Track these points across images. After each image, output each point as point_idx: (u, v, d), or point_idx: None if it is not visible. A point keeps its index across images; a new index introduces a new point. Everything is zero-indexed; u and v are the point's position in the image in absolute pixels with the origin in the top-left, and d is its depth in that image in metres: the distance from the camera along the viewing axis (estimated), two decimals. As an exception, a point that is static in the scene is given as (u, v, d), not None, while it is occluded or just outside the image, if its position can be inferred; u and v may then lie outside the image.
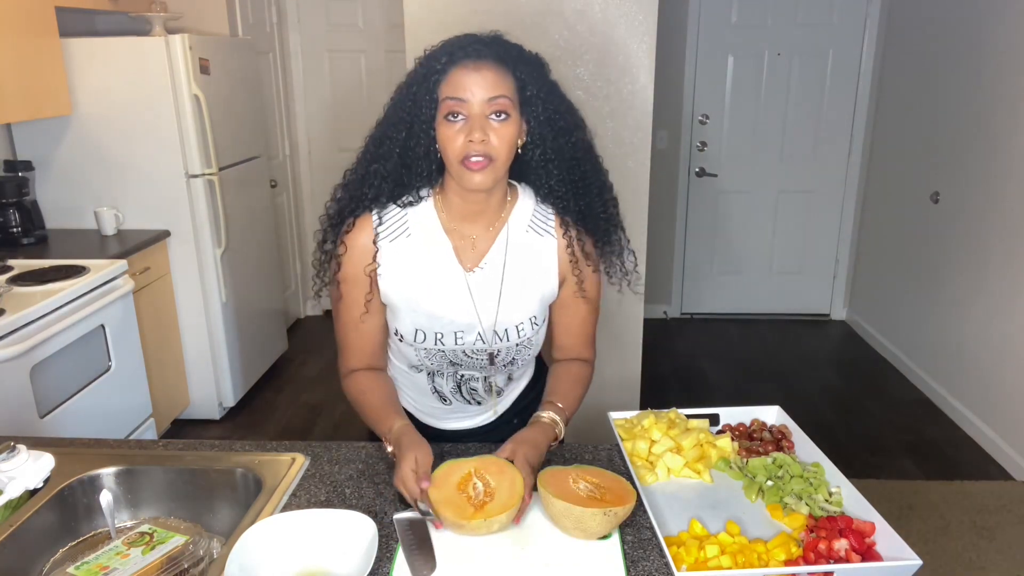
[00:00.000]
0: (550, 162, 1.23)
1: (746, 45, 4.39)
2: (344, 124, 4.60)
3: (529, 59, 1.22)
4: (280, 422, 3.53)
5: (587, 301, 1.36)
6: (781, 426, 1.40)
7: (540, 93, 1.20)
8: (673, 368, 4.12)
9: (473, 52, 1.17)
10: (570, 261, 1.31)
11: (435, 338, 1.28)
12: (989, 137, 3.25)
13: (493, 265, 1.28)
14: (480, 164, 1.16)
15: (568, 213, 1.28)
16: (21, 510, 1.18)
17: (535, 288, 1.31)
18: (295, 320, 4.76)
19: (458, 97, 1.15)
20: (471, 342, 1.30)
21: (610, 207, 1.31)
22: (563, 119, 1.23)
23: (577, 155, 1.25)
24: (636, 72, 2.55)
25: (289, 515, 1.12)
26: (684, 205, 4.67)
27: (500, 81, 1.16)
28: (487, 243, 1.28)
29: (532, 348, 1.35)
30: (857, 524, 1.10)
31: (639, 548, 1.11)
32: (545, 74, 1.24)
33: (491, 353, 1.31)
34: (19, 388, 2.20)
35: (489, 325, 1.29)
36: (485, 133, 1.15)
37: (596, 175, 1.29)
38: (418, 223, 1.27)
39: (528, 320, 1.31)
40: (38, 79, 2.83)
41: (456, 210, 1.26)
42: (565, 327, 1.39)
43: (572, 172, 1.25)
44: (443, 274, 1.27)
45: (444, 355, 1.31)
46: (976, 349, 3.34)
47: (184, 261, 3.30)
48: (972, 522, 2.70)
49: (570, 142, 1.24)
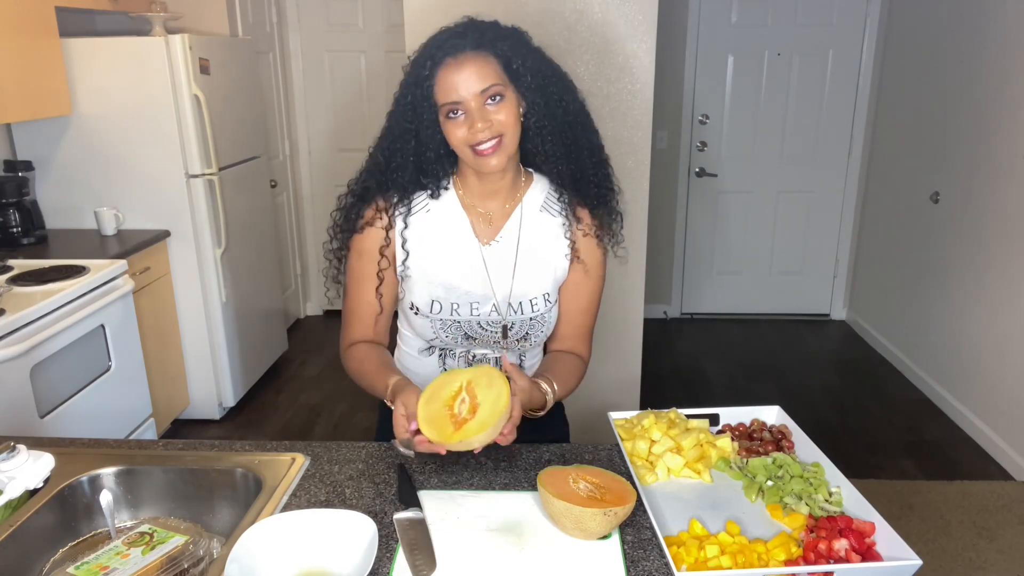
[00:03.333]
0: (544, 128, 1.27)
1: (746, 45, 4.39)
2: (344, 124, 4.61)
3: (507, 34, 1.25)
4: (280, 422, 3.53)
5: (589, 278, 1.38)
6: (781, 426, 1.40)
7: (526, 63, 1.23)
8: (673, 368, 4.12)
9: (451, 48, 1.20)
10: (578, 240, 1.35)
11: (451, 308, 1.32)
12: (989, 137, 3.25)
13: (508, 240, 1.33)
14: (490, 149, 1.22)
15: (562, 178, 1.32)
16: (21, 510, 1.18)
17: (548, 265, 1.35)
18: (295, 320, 4.76)
19: (451, 101, 1.20)
20: (486, 313, 1.33)
21: (601, 169, 1.34)
22: (552, 84, 1.26)
23: (568, 118, 1.28)
24: (636, 72, 2.55)
25: (289, 515, 1.12)
26: (684, 205, 4.67)
27: (484, 69, 1.20)
28: (503, 219, 1.33)
29: (545, 327, 1.38)
30: (857, 524, 1.10)
31: (639, 548, 1.11)
32: (526, 43, 1.26)
33: (505, 326, 1.34)
34: (19, 388, 2.20)
35: (503, 297, 1.33)
36: (486, 120, 1.20)
37: (587, 137, 1.32)
38: (438, 201, 1.33)
39: (542, 296, 1.35)
40: (38, 79, 2.83)
41: (473, 189, 1.32)
42: (566, 313, 1.41)
43: (565, 135, 1.28)
44: (460, 247, 1.32)
45: (459, 326, 1.34)
46: (976, 349, 3.35)
47: (184, 261, 3.30)
48: (972, 522, 2.70)
49: (561, 105, 1.27)
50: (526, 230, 1.33)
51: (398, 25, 3.85)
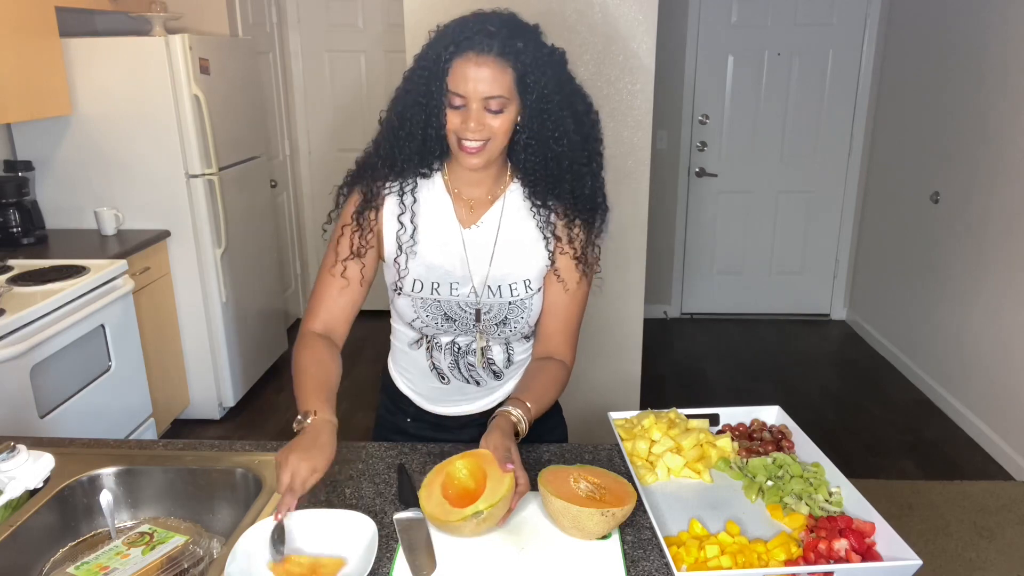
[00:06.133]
0: (530, 147, 1.27)
1: (746, 45, 4.39)
2: (344, 124, 4.60)
3: (534, 49, 1.22)
4: (280, 422, 3.53)
5: (564, 286, 1.37)
6: (781, 426, 1.40)
7: (538, 83, 1.22)
8: (673, 368, 4.12)
9: (477, 44, 1.19)
10: (556, 255, 1.36)
11: (432, 287, 1.34)
12: (989, 137, 3.25)
13: (488, 226, 1.35)
14: (475, 149, 1.24)
15: (536, 195, 1.33)
16: (21, 510, 1.18)
17: (529, 253, 1.35)
18: (295, 320, 4.75)
19: (458, 92, 1.21)
20: (465, 294, 1.35)
21: (580, 202, 1.32)
22: (552, 112, 1.24)
23: (558, 148, 1.26)
24: (636, 72, 2.55)
25: (289, 515, 1.12)
26: (684, 205, 4.67)
27: (498, 78, 1.20)
28: (485, 207, 1.35)
29: (525, 313, 1.37)
30: (857, 524, 1.10)
31: (639, 548, 1.11)
32: (552, 65, 1.24)
33: (478, 309, 1.35)
34: (19, 388, 2.20)
35: (481, 280, 1.35)
36: (480, 123, 1.21)
37: (573, 169, 1.29)
38: (425, 183, 1.36)
39: (522, 282, 1.35)
40: (38, 79, 2.83)
41: (459, 176, 1.34)
42: (549, 308, 1.40)
43: (547, 162, 1.28)
44: (442, 229, 1.34)
45: (439, 305, 1.35)
46: (976, 349, 3.34)
47: (184, 261, 3.30)
48: (972, 522, 2.70)
49: (553, 135, 1.25)
50: (507, 219, 1.35)
51: (398, 25, 3.85)
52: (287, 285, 4.60)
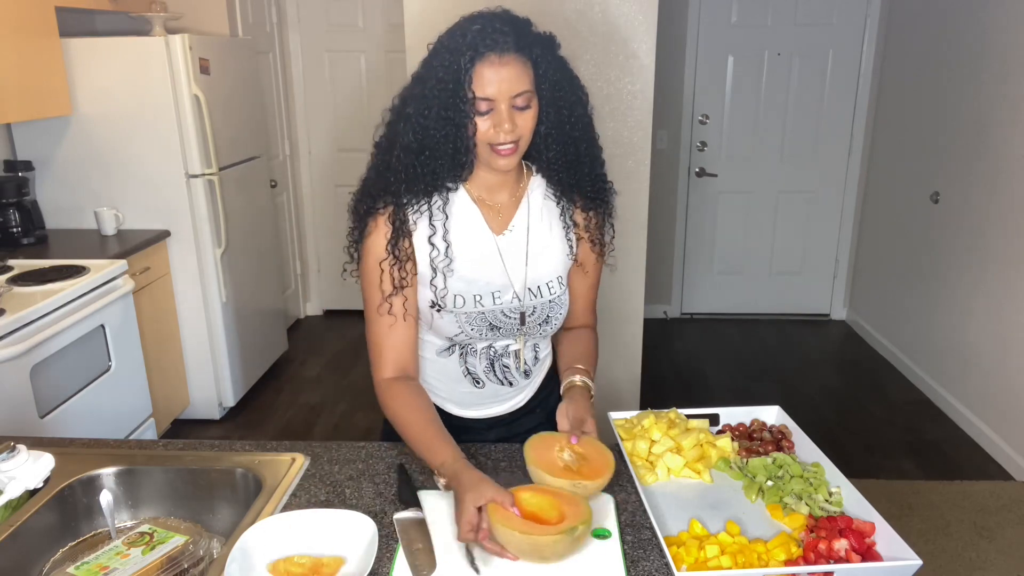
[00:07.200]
0: (550, 137, 1.28)
1: (746, 45, 4.39)
2: (344, 124, 4.60)
3: (541, 39, 1.25)
4: (280, 422, 3.53)
5: (583, 269, 1.44)
6: (781, 426, 1.40)
7: (549, 72, 1.24)
8: (673, 368, 4.12)
9: (494, 44, 1.19)
10: (575, 221, 1.39)
11: (474, 300, 1.33)
12: (989, 137, 3.25)
13: (519, 228, 1.35)
14: (509, 151, 1.24)
15: (561, 184, 1.35)
16: (21, 510, 1.18)
17: (557, 248, 1.38)
18: (295, 320, 4.76)
19: (486, 96, 1.20)
20: (508, 300, 1.35)
21: (598, 183, 1.37)
22: (565, 97, 1.27)
23: (575, 133, 1.29)
24: (636, 72, 2.55)
25: (289, 515, 1.12)
26: (684, 205, 4.67)
27: (522, 73, 1.21)
28: (512, 209, 1.36)
29: (563, 308, 1.41)
30: (857, 524, 1.10)
31: (639, 548, 1.11)
32: (554, 51, 1.27)
33: (523, 312, 1.36)
34: (19, 388, 2.20)
35: (521, 284, 1.35)
36: (513, 123, 1.21)
37: (589, 151, 1.33)
38: (452, 198, 1.33)
39: (556, 279, 1.38)
40: (38, 79, 2.83)
41: (482, 183, 1.33)
42: (573, 293, 1.45)
43: (567, 148, 1.30)
44: (475, 240, 1.33)
45: (484, 316, 1.35)
46: (976, 349, 3.34)
47: (184, 261, 3.30)
48: (972, 522, 2.70)
49: (570, 120, 1.28)
50: (534, 217, 1.36)
51: (398, 25, 3.85)
52: (287, 285, 4.60)
